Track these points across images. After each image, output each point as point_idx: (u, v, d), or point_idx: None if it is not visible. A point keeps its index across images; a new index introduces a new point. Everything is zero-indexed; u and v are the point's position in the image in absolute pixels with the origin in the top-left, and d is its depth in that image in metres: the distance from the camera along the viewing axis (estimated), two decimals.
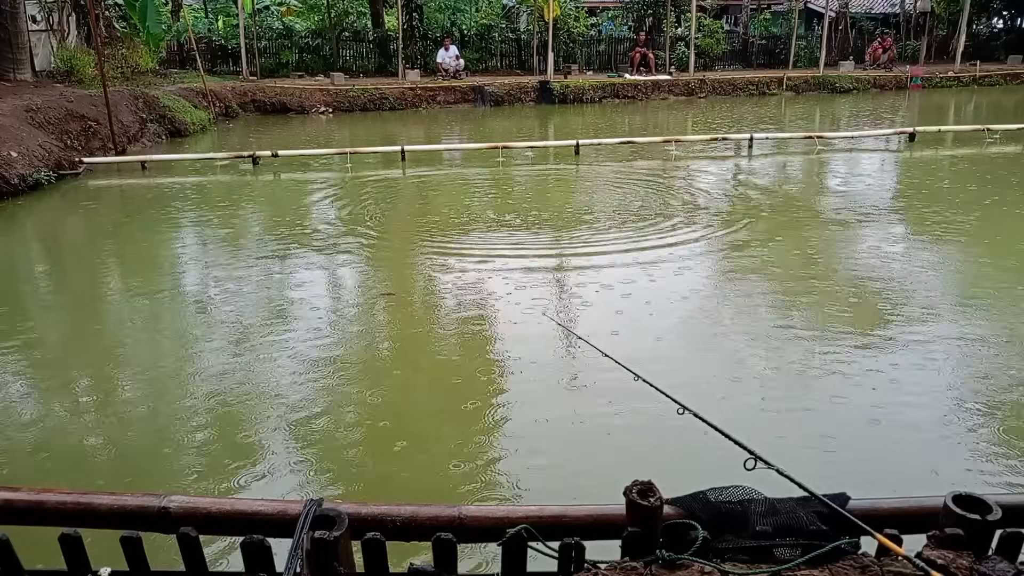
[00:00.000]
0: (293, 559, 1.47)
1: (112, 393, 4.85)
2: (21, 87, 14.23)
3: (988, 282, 6.47)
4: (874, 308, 5.89)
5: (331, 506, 1.58)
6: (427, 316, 6.05)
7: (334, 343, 5.48)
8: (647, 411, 4.12)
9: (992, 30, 30.16)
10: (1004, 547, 1.57)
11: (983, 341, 5.20)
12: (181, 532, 1.64)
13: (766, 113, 19.70)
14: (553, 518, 1.64)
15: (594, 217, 9.02)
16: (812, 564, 1.48)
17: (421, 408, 4.59)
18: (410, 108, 21.10)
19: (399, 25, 22.84)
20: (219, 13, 28.92)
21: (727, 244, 7.80)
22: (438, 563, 1.60)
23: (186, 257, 8.14)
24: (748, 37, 28.32)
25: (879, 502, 1.67)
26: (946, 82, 23.90)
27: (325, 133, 17.39)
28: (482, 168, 12.70)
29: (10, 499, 1.68)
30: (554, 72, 22.67)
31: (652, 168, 12.40)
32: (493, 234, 8.38)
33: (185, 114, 16.70)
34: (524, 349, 5.24)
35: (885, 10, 32.28)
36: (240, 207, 10.43)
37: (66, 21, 18.39)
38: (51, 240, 9.06)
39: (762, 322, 5.76)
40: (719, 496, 1.63)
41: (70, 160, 11.94)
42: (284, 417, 4.37)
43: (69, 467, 4.04)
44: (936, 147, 13.80)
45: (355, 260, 7.67)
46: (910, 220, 8.83)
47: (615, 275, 6.78)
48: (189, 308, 6.35)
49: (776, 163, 13.00)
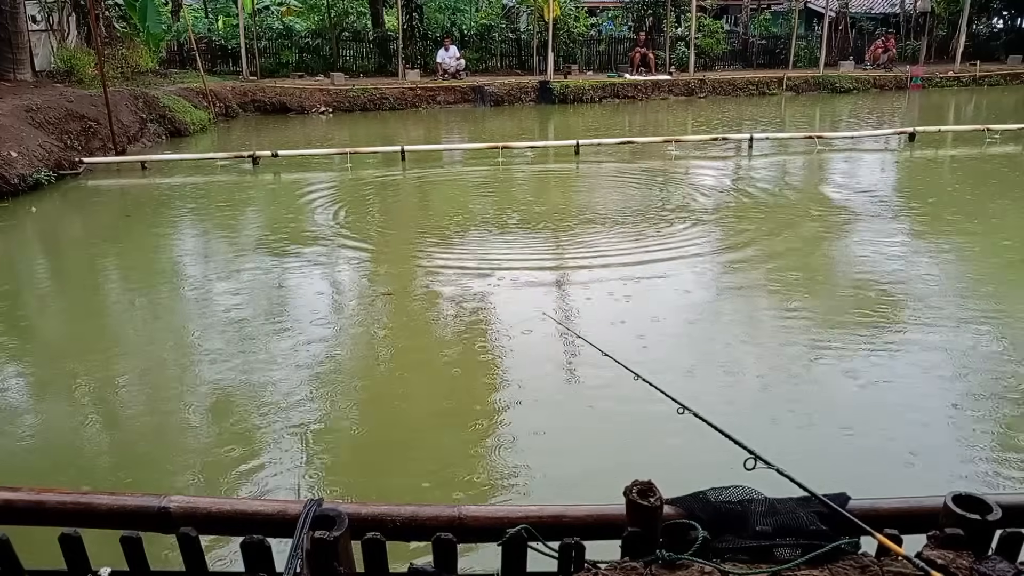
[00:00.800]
0: (293, 559, 1.46)
1: (112, 393, 4.85)
2: (21, 87, 14.23)
3: (989, 282, 6.47)
4: (875, 308, 5.89)
5: (331, 506, 1.58)
6: (427, 315, 6.04)
7: (334, 343, 5.48)
8: (647, 411, 4.12)
9: (992, 30, 30.15)
10: (1004, 547, 1.57)
11: (984, 341, 5.20)
12: (181, 532, 1.64)
13: (766, 113, 19.71)
14: (553, 518, 1.64)
15: (594, 217, 9.02)
16: (812, 564, 1.48)
17: (421, 408, 4.58)
18: (410, 108, 21.10)
19: (399, 25, 22.84)
20: (219, 13, 28.92)
21: (727, 244, 7.80)
22: (438, 563, 1.60)
23: (186, 257, 8.14)
24: (748, 37, 28.31)
25: (879, 502, 1.67)
26: (946, 82, 23.90)
27: (325, 133, 17.39)
28: (482, 168, 12.70)
29: (10, 499, 1.68)
30: (554, 72, 22.67)
31: (652, 168, 12.40)
32: (493, 234, 8.38)
33: (185, 114, 16.70)
34: (524, 348, 5.24)
35: (885, 10, 32.28)
36: (240, 207, 10.43)
37: (66, 21, 18.39)
38: (51, 240, 9.06)
39: (762, 322, 5.76)
40: (719, 496, 1.63)
41: (70, 160, 11.94)
42: (284, 417, 4.37)
43: (69, 467, 4.04)
44: (936, 147, 13.80)
45: (355, 260, 7.67)
46: (910, 220, 8.82)
47: (615, 275, 6.78)
48: (189, 308, 6.35)
49: (776, 163, 13.00)
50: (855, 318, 5.69)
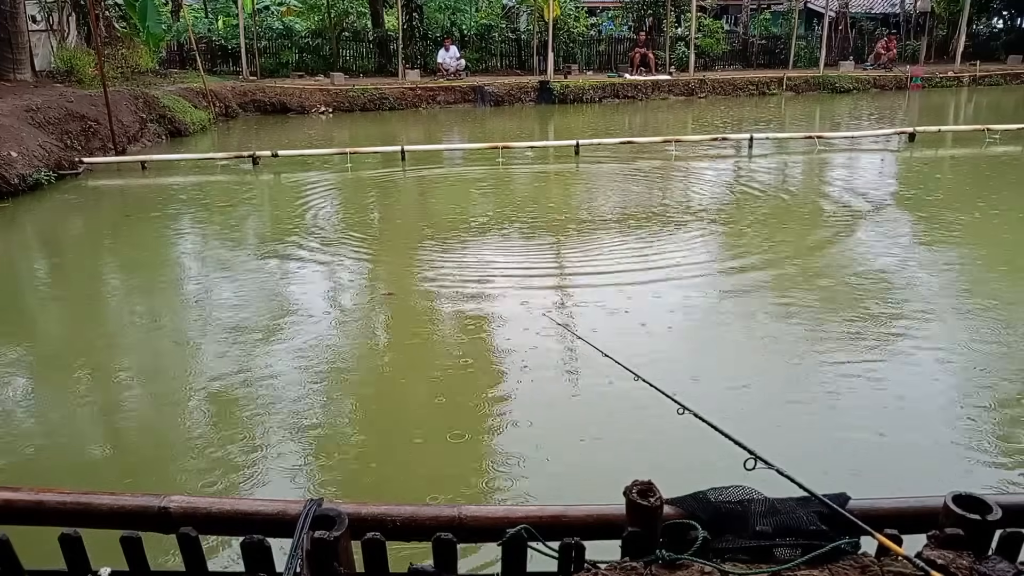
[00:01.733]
0: (293, 559, 1.46)
1: (112, 392, 4.85)
2: (21, 87, 14.23)
3: (990, 282, 6.47)
4: (875, 309, 5.89)
5: (331, 506, 1.58)
6: (427, 316, 6.04)
7: (334, 343, 5.48)
8: (647, 411, 4.12)
9: (992, 30, 30.16)
10: (1004, 547, 1.57)
11: (985, 341, 5.20)
12: (181, 532, 1.64)
13: (766, 113, 19.70)
14: (553, 518, 1.64)
15: (594, 218, 9.02)
16: (812, 564, 1.48)
17: (420, 408, 4.58)
18: (410, 108, 21.10)
19: (399, 25, 22.84)
20: (219, 13, 28.94)
21: (727, 244, 7.80)
22: (438, 563, 1.60)
23: (186, 257, 8.14)
24: (748, 37, 28.31)
25: (879, 502, 1.67)
26: (946, 82, 23.90)
27: (325, 133, 17.39)
28: (482, 168, 12.70)
29: (10, 499, 1.68)
30: (554, 72, 22.67)
31: (652, 168, 12.40)
32: (493, 234, 8.38)
33: (185, 114, 16.70)
34: (524, 348, 5.24)
35: (885, 10, 32.29)
36: (240, 207, 10.42)
37: (66, 21, 18.39)
38: (51, 240, 9.06)
39: (762, 322, 5.76)
40: (719, 496, 1.63)
41: (70, 160, 11.94)
42: (284, 417, 4.37)
43: (69, 467, 4.04)
44: (936, 147, 13.80)
45: (355, 260, 7.66)
46: (911, 220, 8.82)
47: (615, 275, 6.78)
48: (188, 308, 6.35)
49: (776, 163, 13.00)
50: (856, 318, 5.69)
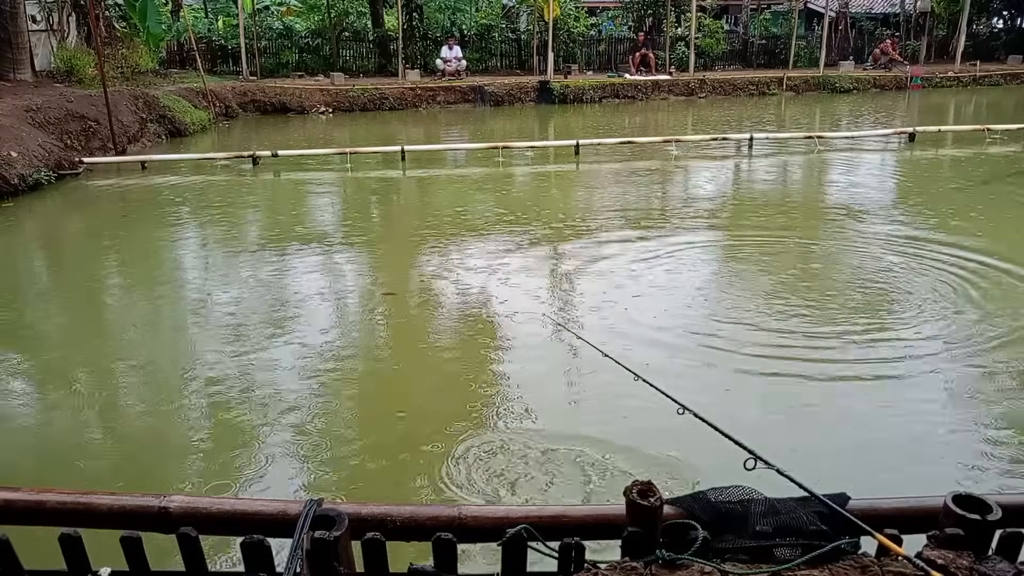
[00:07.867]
0: (293, 559, 1.47)
1: (112, 393, 4.85)
2: (21, 87, 14.22)
3: (991, 282, 6.46)
4: (875, 309, 5.89)
5: (331, 506, 1.59)
6: (427, 316, 6.04)
7: (334, 343, 5.48)
8: (647, 411, 4.12)
9: (992, 30, 30.14)
10: (1004, 547, 1.57)
11: (986, 341, 5.20)
12: (181, 532, 1.64)
13: (766, 113, 19.70)
14: (553, 518, 1.64)
15: (594, 217, 9.01)
16: (812, 564, 1.48)
17: (421, 408, 4.58)
18: (410, 108, 21.10)
19: (399, 25, 22.83)
20: (219, 13, 28.93)
21: (727, 244, 7.80)
22: (438, 563, 1.60)
23: (185, 257, 8.13)
24: (748, 37, 28.31)
25: (879, 502, 1.67)
26: (946, 82, 23.89)
27: (325, 133, 17.39)
28: (482, 168, 12.70)
29: (10, 499, 1.68)
30: (554, 72, 22.66)
31: (652, 168, 12.40)
32: (493, 234, 8.38)
33: (185, 114, 16.69)
34: (524, 349, 5.24)
35: (885, 10, 32.28)
36: (240, 207, 10.42)
37: (66, 21, 18.38)
38: (51, 240, 9.06)
39: (762, 322, 5.75)
40: (719, 496, 1.63)
41: (70, 160, 11.93)
42: (284, 417, 4.37)
43: (69, 467, 4.03)
44: (936, 147, 13.80)
45: (355, 260, 7.67)
46: (911, 220, 8.81)
47: (614, 275, 6.77)
48: (188, 308, 6.35)
49: (776, 163, 13.00)
50: (856, 318, 5.69)
